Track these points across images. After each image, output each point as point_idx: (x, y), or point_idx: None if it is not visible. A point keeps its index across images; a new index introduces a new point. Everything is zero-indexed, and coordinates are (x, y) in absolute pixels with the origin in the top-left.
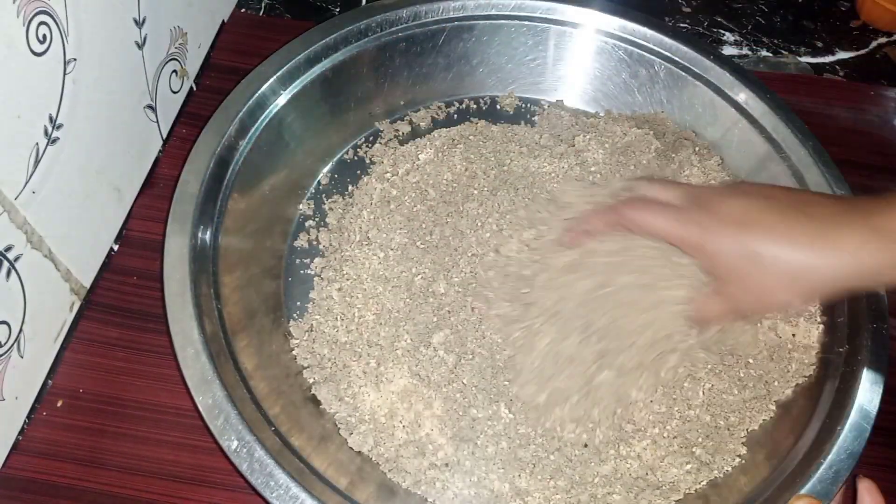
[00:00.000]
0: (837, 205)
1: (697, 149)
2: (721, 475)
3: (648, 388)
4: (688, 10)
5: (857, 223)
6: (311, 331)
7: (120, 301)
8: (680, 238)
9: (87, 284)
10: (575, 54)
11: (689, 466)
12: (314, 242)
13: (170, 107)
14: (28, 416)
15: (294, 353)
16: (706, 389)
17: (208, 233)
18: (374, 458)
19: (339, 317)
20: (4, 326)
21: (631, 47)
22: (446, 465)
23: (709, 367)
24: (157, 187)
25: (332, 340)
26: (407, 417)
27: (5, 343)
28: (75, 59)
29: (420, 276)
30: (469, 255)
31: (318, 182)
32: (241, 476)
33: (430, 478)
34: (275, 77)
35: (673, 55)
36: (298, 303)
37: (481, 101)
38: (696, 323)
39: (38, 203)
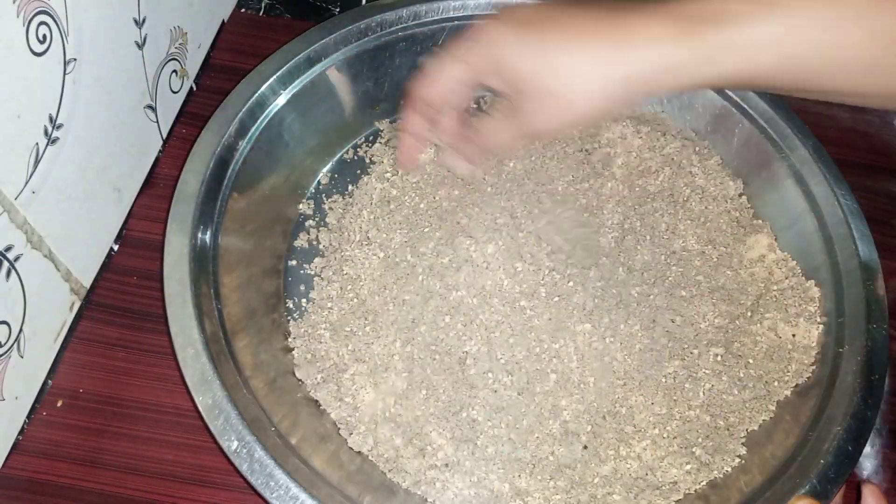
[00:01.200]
0: (634, 3)
1: (697, 149)
2: (721, 475)
3: None
4: None
5: (660, 11)
6: (312, 331)
7: (120, 301)
8: (478, 73)
9: (87, 284)
10: None
11: (689, 467)
12: (314, 242)
13: (170, 106)
14: (28, 416)
15: (294, 353)
16: (706, 390)
17: (208, 233)
18: (373, 459)
19: (339, 316)
20: (4, 326)
21: None
22: (446, 465)
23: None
24: (157, 187)
25: (333, 340)
26: (407, 417)
27: (5, 343)
28: (75, 59)
29: (420, 277)
30: (469, 255)
31: (318, 182)
32: (241, 476)
33: (430, 478)
34: (275, 77)
35: None
36: (299, 303)
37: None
38: (485, 152)
39: (38, 203)
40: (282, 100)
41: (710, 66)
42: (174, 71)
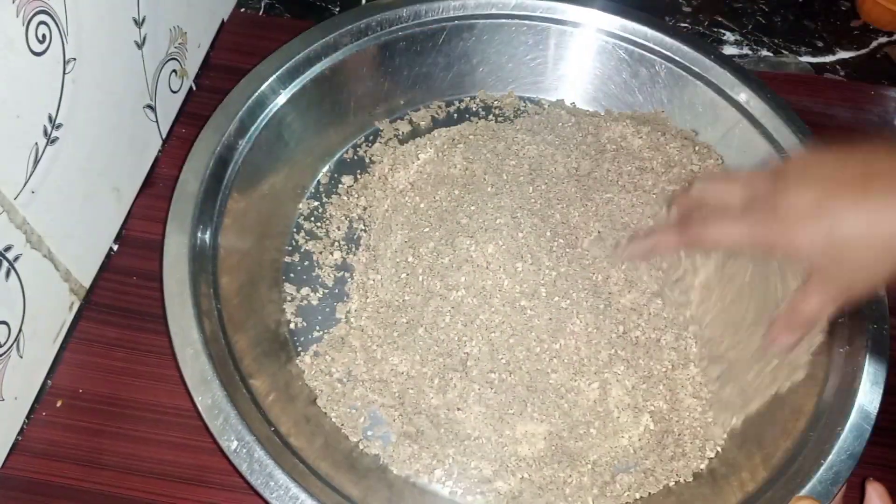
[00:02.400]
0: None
1: (697, 148)
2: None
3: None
4: (688, 9)
5: None
6: (312, 331)
7: (119, 301)
8: (754, 244)
9: (87, 284)
10: (575, 54)
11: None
12: (314, 242)
13: (169, 106)
14: (27, 417)
15: (294, 352)
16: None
17: (208, 232)
18: (372, 457)
19: (339, 316)
20: (4, 326)
21: (631, 47)
22: (447, 462)
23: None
24: (156, 187)
25: (332, 339)
26: (408, 417)
27: (5, 343)
28: (75, 59)
29: (420, 277)
30: (469, 254)
31: (318, 181)
32: (241, 476)
33: (431, 477)
34: (274, 76)
35: (673, 55)
36: (298, 302)
37: (481, 100)
38: (797, 324)
39: (38, 203)
40: (282, 99)
41: None
42: (174, 71)
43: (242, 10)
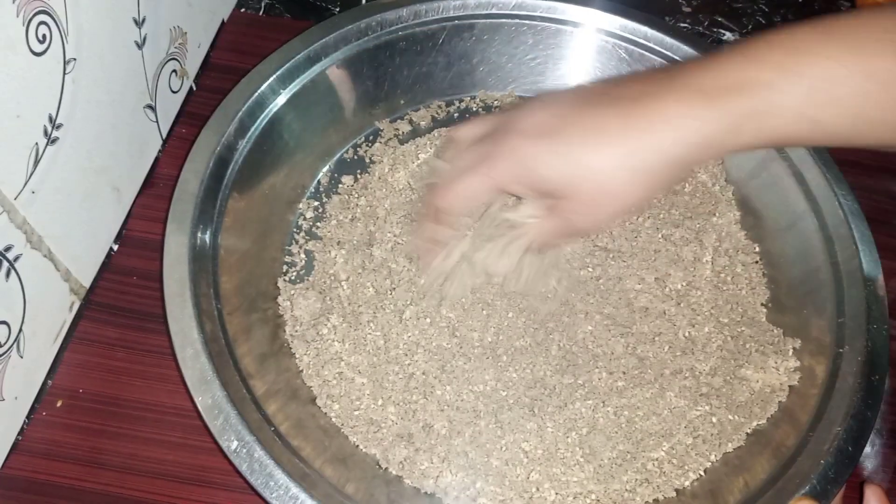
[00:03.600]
0: (650, 77)
1: None
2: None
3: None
4: (688, 9)
5: (676, 87)
6: (312, 329)
7: (120, 301)
8: (503, 186)
9: (87, 284)
10: (575, 53)
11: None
12: (314, 242)
13: (169, 106)
14: (28, 417)
15: (294, 352)
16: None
17: (208, 232)
18: (376, 458)
19: (338, 314)
20: (4, 326)
21: (631, 46)
22: (446, 461)
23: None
24: (156, 187)
25: (332, 338)
26: (406, 413)
27: (5, 343)
28: (75, 59)
29: (414, 276)
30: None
31: (318, 181)
32: (241, 476)
33: (430, 474)
34: (274, 76)
35: (673, 54)
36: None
37: (481, 100)
38: (540, 248)
39: (38, 203)
40: (281, 99)
41: (736, 134)
42: (174, 71)
43: (242, 10)
